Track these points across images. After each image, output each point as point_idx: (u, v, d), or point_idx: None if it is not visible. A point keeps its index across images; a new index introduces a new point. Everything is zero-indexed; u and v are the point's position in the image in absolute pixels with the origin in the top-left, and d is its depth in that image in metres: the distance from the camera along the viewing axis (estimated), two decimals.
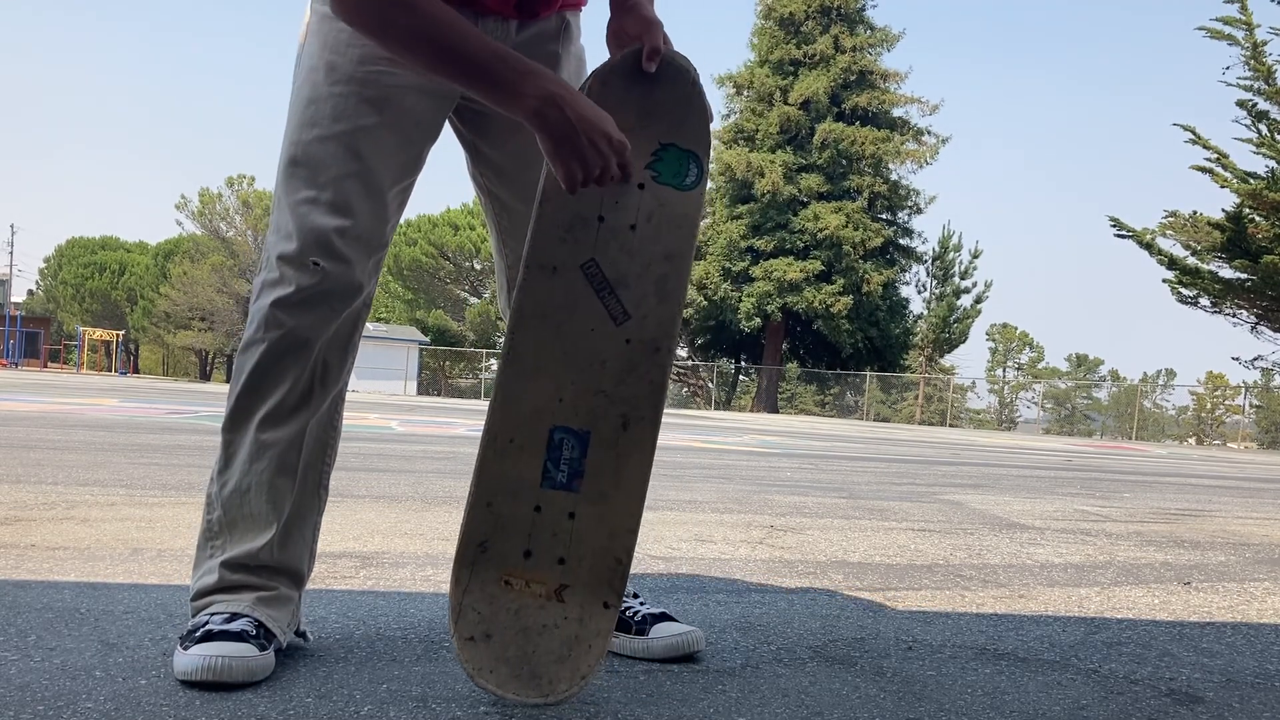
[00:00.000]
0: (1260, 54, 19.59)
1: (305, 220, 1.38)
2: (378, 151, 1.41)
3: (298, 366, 1.41)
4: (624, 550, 1.32)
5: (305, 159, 1.40)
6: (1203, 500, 5.53)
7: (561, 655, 1.28)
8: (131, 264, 49.81)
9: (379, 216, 1.44)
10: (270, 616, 1.38)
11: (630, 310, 1.32)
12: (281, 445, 1.42)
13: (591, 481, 1.31)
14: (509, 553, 1.29)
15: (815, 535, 3.09)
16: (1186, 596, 2.38)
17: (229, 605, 1.37)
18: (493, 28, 1.44)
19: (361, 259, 1.42)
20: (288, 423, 1.42)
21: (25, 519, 2.54)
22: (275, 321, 1.40)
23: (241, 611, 1.36)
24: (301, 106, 1.42)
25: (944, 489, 5.23)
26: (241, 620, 1.34)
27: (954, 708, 1.37)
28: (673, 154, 1.36)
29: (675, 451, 7.27)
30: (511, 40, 1.46)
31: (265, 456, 1.42)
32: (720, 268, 32.69)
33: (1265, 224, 19.80)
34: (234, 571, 1.40)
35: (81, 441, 5.10)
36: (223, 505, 1.43)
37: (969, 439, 17.10)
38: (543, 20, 1.50)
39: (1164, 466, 9.99)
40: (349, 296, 1.42)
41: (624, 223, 1.32)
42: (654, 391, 1.33)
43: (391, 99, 1.41)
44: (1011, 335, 65.32)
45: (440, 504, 3.33)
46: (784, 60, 33.38)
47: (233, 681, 1.26)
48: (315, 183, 1.39)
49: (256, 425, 1.42)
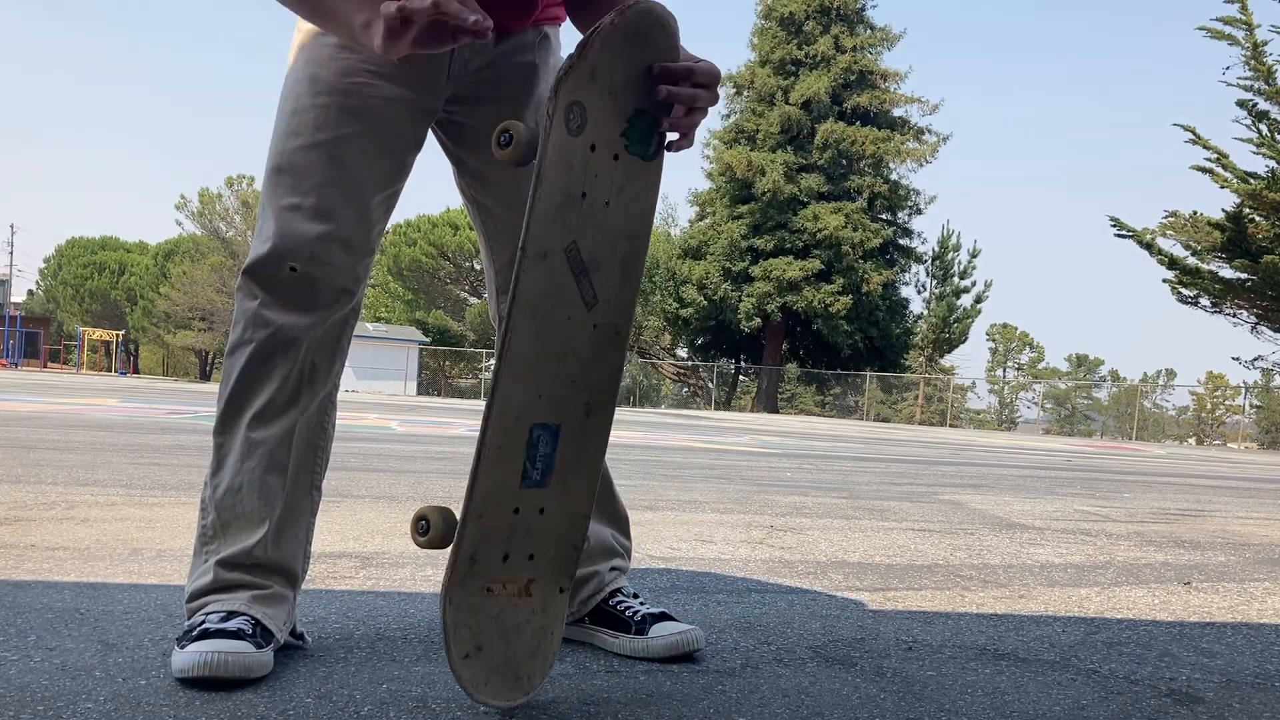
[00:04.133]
0: (1260, 54, 19.59)
1: (288, 226, 1.41)
2: (360, 160, 1.44)
3: (285, 366, 1.42)
4: (580, 535, 1.33)
5: (289, 167, 1.42)
6: (1203, 500, 5.53)
7: (534, 649, 1.29)
8: (131, 264, 49.83)
9: (362, 223, 1.46)
10: (267, 614, 1.38)
11: (599, 294, 1.29)
12: (271, 443, 1.43)
13: (559, 474, 1.29)
14: (492, 560, 1.28)
15: (815, 535, 3.09)
16: (1186, 596, 2.38)
17: (225, 604, 1.37)
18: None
19: (344, 263, 1.44)
20: (277, 421, 1.43)
21: (25, 519, 2.54)
22: (262, 321, 1.41)
23: (238, 610, 1.36)
24: (286, 117, 1.45)
25: (944, 489, 5.23)
26: (238, 619, 1.34)
27: (954, 708, 1.37)
28: (643, 122, 1.33)
29: (675, 451, 7.27)
30: (490, 52, 1.49)
31: (256, 454, 1.43)
32: (720, 267, 32.68)
33: (1265, 224, 19.80)
34: (229, 570, 1.40)
35: (81, 441, 5.10)
36: (216, 508, 1.44)
37: (969, 439, 17.10)
38: (519, 34, 1.52)
39: (1164, 467, 9.99)
40: (332, 301, 1.44)
41: (600, 199, 1.27)
42: (614, 376, 1.32)
43: (372, 110, 1.44)
44: (1011, 335, 65.33)
45: (440, 504, 3.33)
46: (784, 60, 33.39)
47: (230, 677, 1.26)
48: (298, 189, 1.41)
49: (247, 424, 1.43)
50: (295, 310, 1.41)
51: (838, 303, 31.38)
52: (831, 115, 32.48)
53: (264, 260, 1.41)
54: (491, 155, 1.46)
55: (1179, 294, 22.29)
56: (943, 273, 34.93)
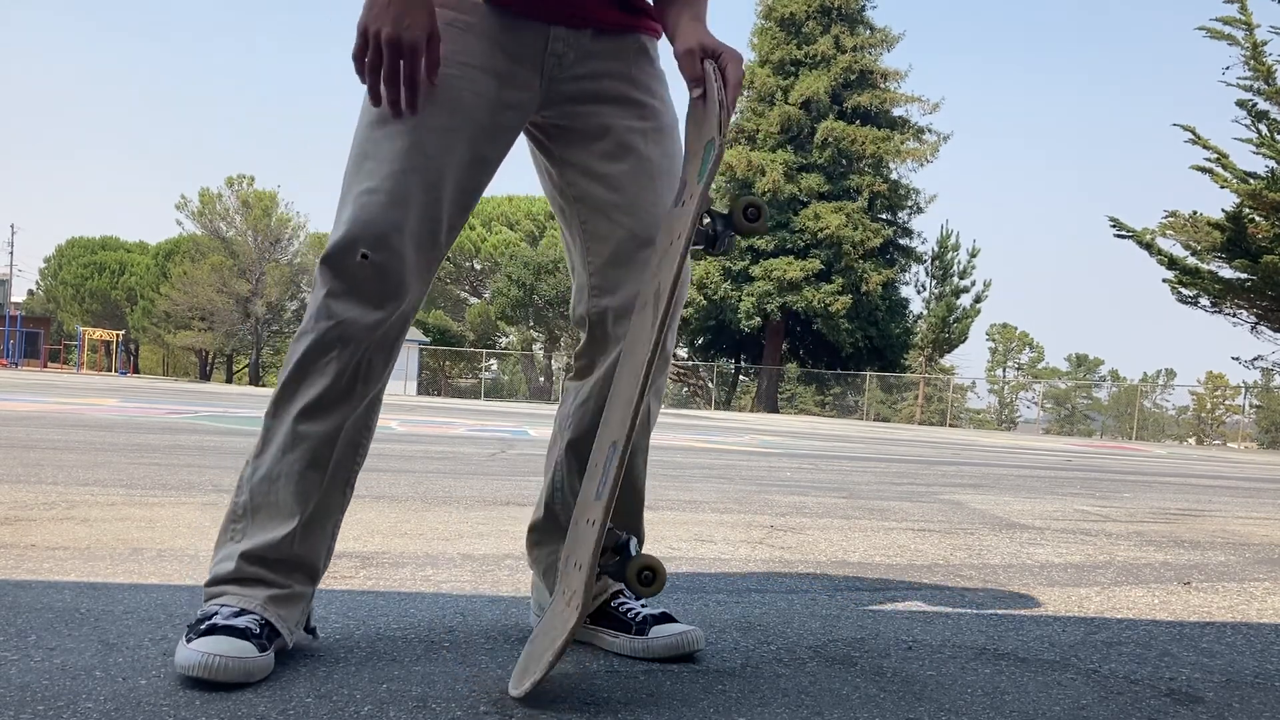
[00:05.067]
0: (1260, 54, 19.59)
1: (363, 212, 1.40)
2: (443, 151, 1.43)
3: (342, 360, 1.42)
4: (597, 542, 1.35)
5: (372, 153, 1.42)
6: (1203, 500, 5.53)
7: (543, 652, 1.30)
8: (131, 264, 49.79)
9: (436, 216, 1.44)
10: (279, 616, 1.39)
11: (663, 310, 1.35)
12: (316, 439, 1.44)
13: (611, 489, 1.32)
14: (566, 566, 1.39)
15: (815, 535, 3.09)
16: (1186, 596, 2.38)
17: (240, 600, 1.39)
18: (563, 35, 1.49)
19: (413, 256, 1.43)
20: (326, 417, 1.44)
21: (25, 519, 2.54)
22: (326, 313, 1.42)
23: (251, 609, 1.37)
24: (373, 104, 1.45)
25: (944, 489, 5.24)
26: (248, 617, 1.36)
27: (954, 708, 1.37)
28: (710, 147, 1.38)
29: (675, 451, 7.27)
30: (586, 55, 1.51)
31: (299, 449, 1.43)
32: (720, 267, 32.68)
33: (1265, 224, 19.80)
34: (251, 564, 1.41)
35: (81, 441, 5.10)
36: (250, 490, 1.45)
37: (969, 439, 17.10)
38: (616, 37, 1.54)
39: (1164, 466, 9.99)
40: (396, 293, 1.43)
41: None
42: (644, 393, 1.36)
43: (462, 102, 1.44)
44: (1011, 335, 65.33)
45: (440, 504, 3.33)
46: (785, 60, 33.40)
47: (229, 681, 1.26)
48: (376, 174, 1.41)
49: (295, 415, 1.44)
50: (360, 303, 1.41)
51: (838, 302, 31.39)
52: (831, 115, 32.49)
53: (337, 246, 1.41)
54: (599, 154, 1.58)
55: (1179, 294, 22.29)
56: (942, 272, 34.92)
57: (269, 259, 38.59)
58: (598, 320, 1.57)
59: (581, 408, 1.61)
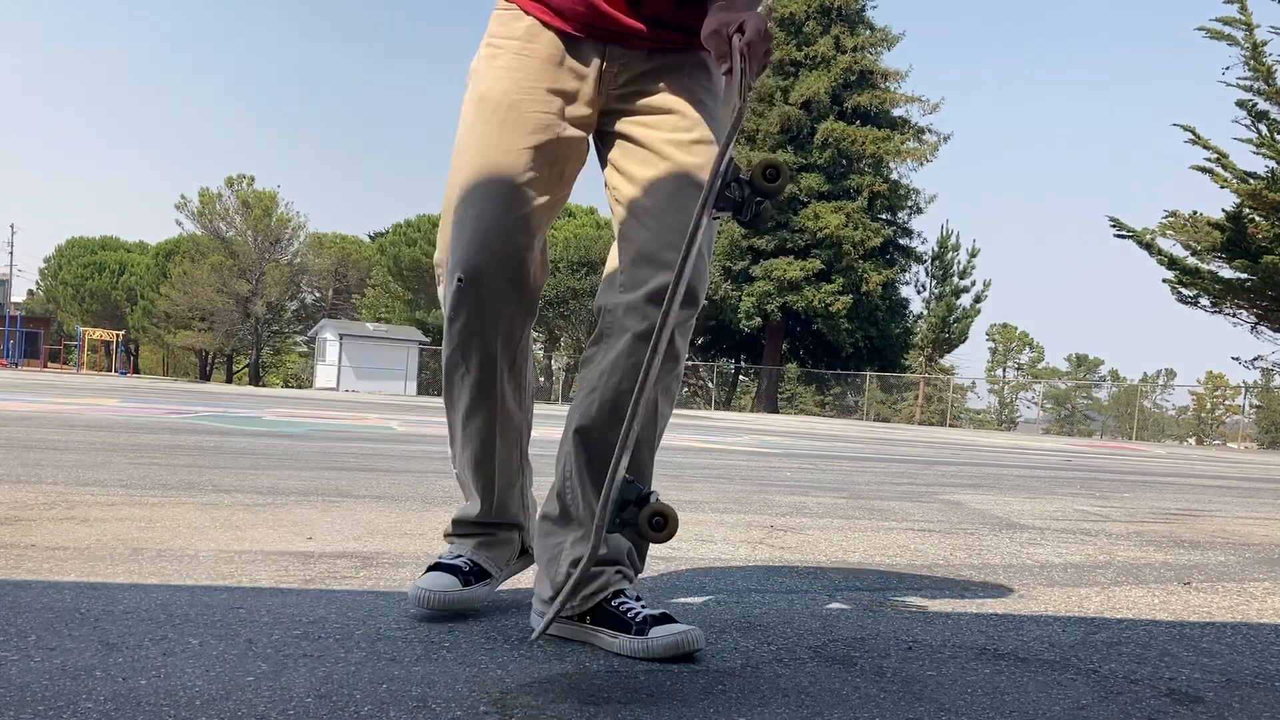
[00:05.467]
0: (1260, 54, 19.60)
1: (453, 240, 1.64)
2: (522, 170, 1.61)
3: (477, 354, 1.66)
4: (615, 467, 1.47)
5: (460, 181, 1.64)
6: (1203, 500, 5.53)
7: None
8: (131, 264, 49.78)
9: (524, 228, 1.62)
10: (488, 558, 1.77)
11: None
12: (478, 438, 1.72)
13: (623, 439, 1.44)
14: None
15: (815, 535, 3.09)
16: (1186, 596, 2.38)
17: (457, 547, 1.79)
18: (619, 54, 1.64)
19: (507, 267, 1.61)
20: (478, 412, 1.71)
21: (25, 519, 2.54)
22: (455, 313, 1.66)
23: (462, 553, 1.77)
24: (461, 133, 1.66)
25: (944, 489, 5.24)
26: (461, 558, 1.75)
27: (954, 708, 1.37)
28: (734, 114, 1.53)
29: (675, 451, 7.27)
30: (638, 69, 1.65)
31: (469, 449, 1.74)
32: (720, 267, 32.68)
33: (1265, 224, 19.81)
34: (460, 526, 1.81)
35: (81, 441, 5.10)
36: (456, 474, 1.84)
37: (969, 439, 17.10)
38: (674, 54, 1.66)
39: (1164, 466, 9.99)
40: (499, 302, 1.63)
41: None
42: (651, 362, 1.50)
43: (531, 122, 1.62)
44: (1011, 335, 65.34)
45: (440, 504, 3.33)
46: (785, 61, 33.40)
47: (434, 609, 1.68)
48: (465, 201, 1.62)
49: (461, 417, 1.73)
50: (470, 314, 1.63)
51: (838, 302, 31.40)
52: (831, 115, 32.50)
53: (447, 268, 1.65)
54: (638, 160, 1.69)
55: (1179, 294, 22.30)
56: (942, 272, 34.94)
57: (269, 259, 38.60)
58: (611, 310, 1.62)
59: (589, 396, 1.63)
